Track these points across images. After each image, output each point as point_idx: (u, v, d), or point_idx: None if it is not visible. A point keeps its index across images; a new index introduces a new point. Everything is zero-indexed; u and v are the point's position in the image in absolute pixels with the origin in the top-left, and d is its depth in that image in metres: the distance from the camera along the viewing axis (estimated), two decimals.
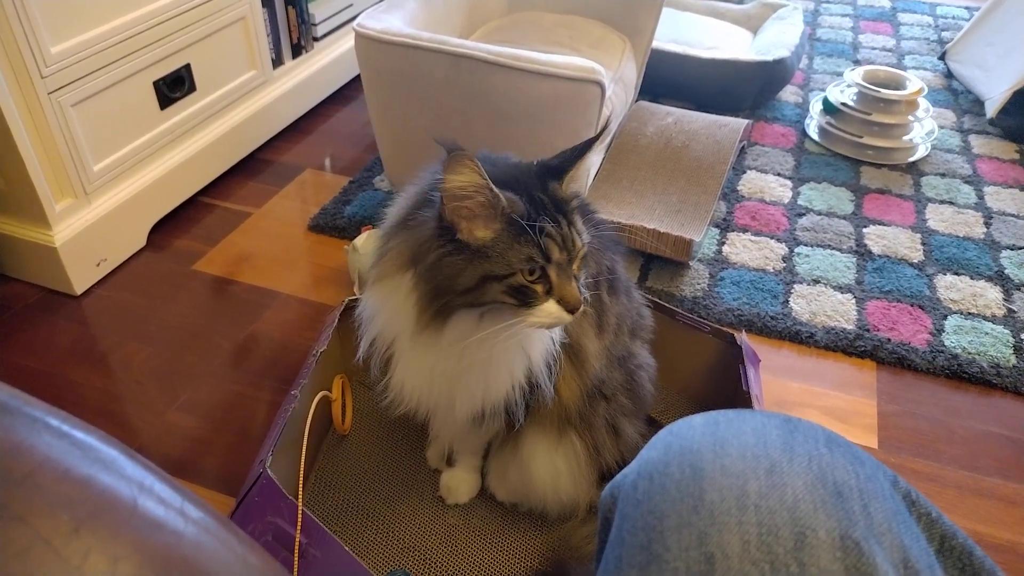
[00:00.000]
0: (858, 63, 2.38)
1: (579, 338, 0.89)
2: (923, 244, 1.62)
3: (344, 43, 2.11)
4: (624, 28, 1.82)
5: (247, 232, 1.64)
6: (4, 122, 1.24)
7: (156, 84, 1.51)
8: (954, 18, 2.73)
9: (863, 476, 0.46)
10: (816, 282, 1.50)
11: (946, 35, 2.58)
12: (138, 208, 1.54)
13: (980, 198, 1.78)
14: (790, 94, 2.21)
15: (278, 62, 1.90)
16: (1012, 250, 1.61)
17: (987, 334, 1.39)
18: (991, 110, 2.05)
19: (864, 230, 1.66)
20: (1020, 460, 1.18)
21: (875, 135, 1.90)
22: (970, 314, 1.43)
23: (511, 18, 1.88)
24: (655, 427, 1.05)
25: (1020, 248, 1.61)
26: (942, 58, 2.37)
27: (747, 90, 2.05)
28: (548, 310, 0.75)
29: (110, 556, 0.27)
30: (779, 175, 1.85)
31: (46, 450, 0.29)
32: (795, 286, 1.49)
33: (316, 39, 2.01)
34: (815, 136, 2.00)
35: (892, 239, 1.63)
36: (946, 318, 1.42)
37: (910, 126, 1.92)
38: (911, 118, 1.91)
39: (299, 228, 1.65)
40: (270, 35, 1.82)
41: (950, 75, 2.33)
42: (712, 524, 0.43)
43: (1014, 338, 1.38)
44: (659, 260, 1.53)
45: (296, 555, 0.82)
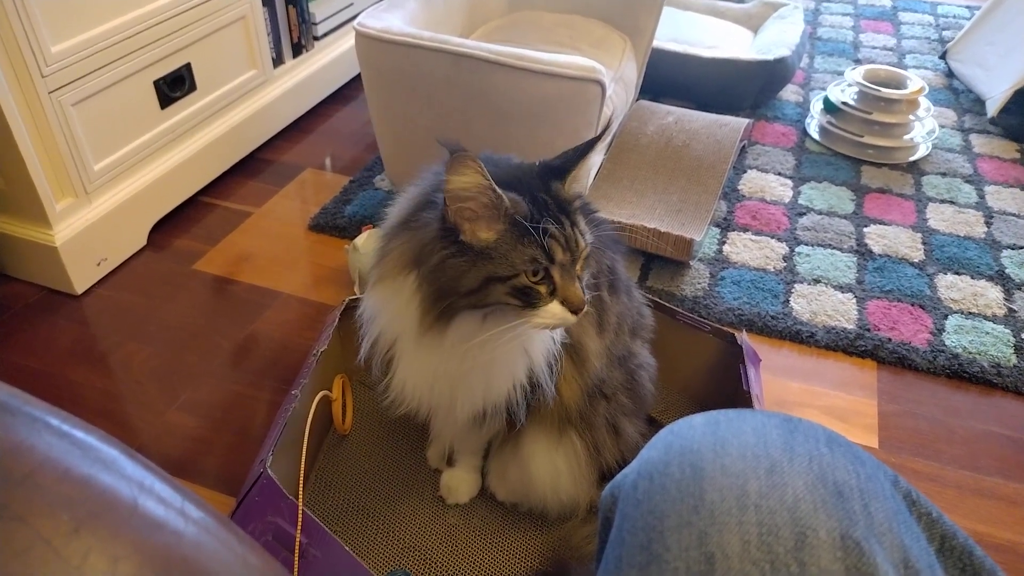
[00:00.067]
0: (859, 62, 2.38)
1: (580, 337, 0.89)
2: (924, 243, 1.62)
3: (345, 42, 2.11)
4: (625, 27, 1.82)
5: (247, 232, 1.64)
6: (4, 121, 1.24)
7: (156, 83, 1.51)
8: (955, 17, 2.72)
9: (863, 476, 0.46)
10: (817, 282, 1.50)
11: (947, 34, 2.58)
12: (138, 208, 1.54)
13: (981, 197, 1.78)
14: (791, 93, 2.21)
15: (278, 61, 1.90)
16: (1013, 249, 1.61)
17: (988, 334, 1.39)
18: (992, 109, 2.05)
19: (865, 229, 1.66)
20: (1020, 460, 1.18)
21: (876, 134, 1.90)
22: (971, 314, 1.43)
23: (511, 17, 1.88)
24: (655, 427, 1.05)
25: (1021, 247, 1.61)
26: (943, 57, 2.37)
27: (748, 89, 2.04)
28: (552, 311, 0.75)
29: (110, 556, 0.27)
30: (780, 174, 1.85)
31: (46, 450, 0.29)
32: (796, 286, 1.49)
33: (316, 38, 2.01)
34: (816, 135, 2.00)
35: (893, 238, 1.63)
36: (947, 318, 1.42)
37: (911, 125, 1.92)
38: (912, 117, 1.91)
39: (299, 228, 1.65)
40: (270, 34, 1.82)
41: (951, 74, 2.33)
42: (712, 524, 0.43)
43: (1015, 338, 1.38)
44: (659, 259, 1.53)
45: (296, 555, 0.82)
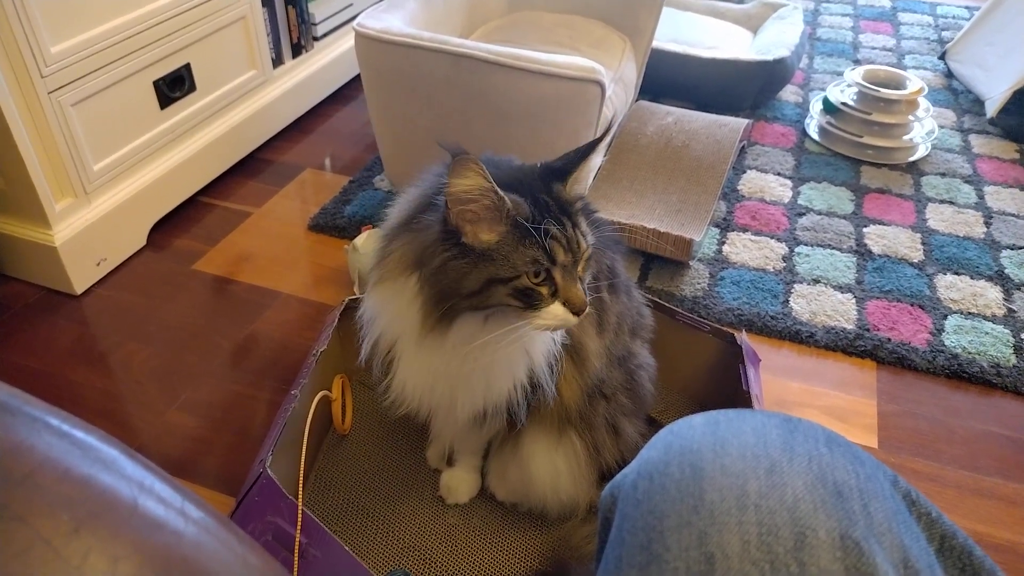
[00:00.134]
0: (858, 63, 2.38)
1: (580, 337, 0.89)
2: (923, 244, 1.62)
3: (344, 43, 2.11)
4: (624, 28, 1.82)
5: (247, 232, 1.64)
6: (4, 122, 1.24)
7: (156, 84, 1.51)
8: (954, 18, 2.73)
9: (863, 476, 0.46)
10: (816, 282, 1.50)
11: (946, 35, 2.58)
12: (138, 208, 1.54)
13: (980, 198, 1.78)
14: (790, 94, 2.21)
15: (278, 62, 1.90)
16: (1012, 250, 1.61)
17: (987, 334, 1.39)
18: (991, 110, 2.05)
19: (864, 230, 1.66)
20: (1020, 460, 1.18)
21: (875, 135, 1.90)
22: (970, 314, 1.43)
23: (511, 18, 1.88)
24: (655, 427, 1.05)
25: (1020, 248, 1.61)
26: (942, 58, 2.37)
27: (747, 90, 2.05)
28: (554, 312, 0.75)
29: (110, 556, 0.27)
30: (779, 175, 1.85)
31: (46, 450, 0.29)
32: (795, 286, 1.49)
33: (316, 39, 2.01)
34: (815, 136, 2.00)
35: (892, 239, 1.63)
36: (946, 318, 1.42)
37: (910, 126, 1.92)
38: (911, 118, 1.91)
39: (299, 228, 1.65)
40: (270, 35, 1.82)
41: (950, 75, 2.33)
42: (712, 524, 0.43)
43: (1014, 338, 1.38)
44: (659, 260, 1.53)
45: (296, 555, 0.82)
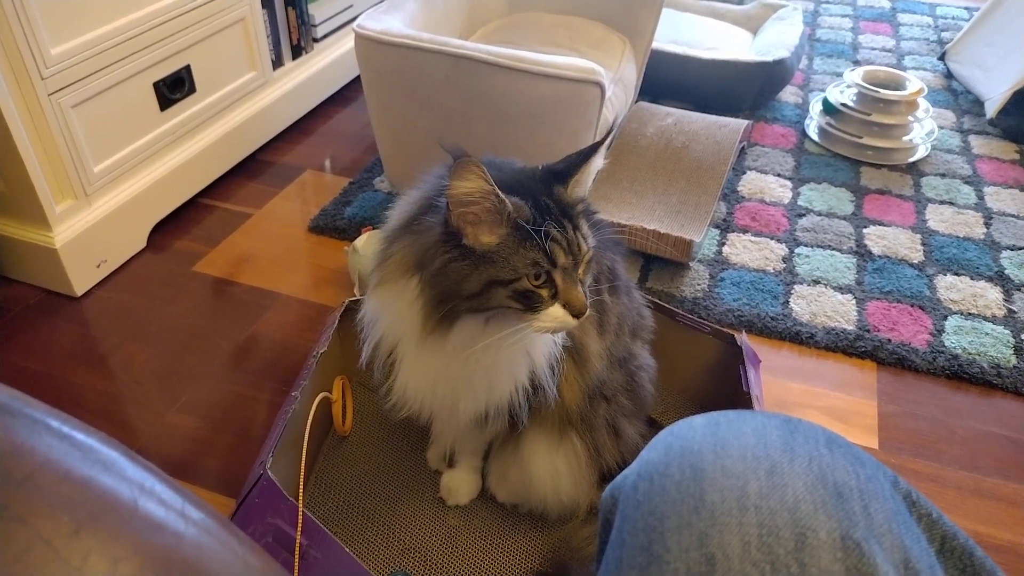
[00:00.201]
0: (858, 63, 2.38)
1: (581, 338, 0.89)
2: (923, 244, 1.62)
3: (344, 44, 2.11)
4: (624, 29, 1.82)
5: (247, 233, 1.64)
6: (4, 123, 1.24)
7: (156, 85, 1.52)
8: (954, 18, 2.73)
9: (863, 477, 0.46)
10: (816, 283, 1.50)
11: (946, 35, 2.58)
12: (138, 209, 1.54)
13: (980, 198, 1.78)
14: (790, 95, 2.21)
15: (278, 63, 1.90)
16: (1012, 250, 1.61)
17: (987, 334, 1.39)
18: (991, 110, 2.05)
19: (864, 230, 1.66)
20: (1020, 461, 1.18)
21: (875, 135, 1.90)
22: (970, 314, 1.43)
23: (511, 19, 1.89)
24: (655, 428, 1.05)
25: (1020, 248, 1.61)
26: (942, 58, 2.37)
27: (747, 91, 2.05)
28: (553, 314, 0.75)
29: (110, 557, 0.27)
30: (779, 176, 1.85)
31: (47, 451, 0.29)
32: (795, 287, 1.49)
33: (316, 40, 2.01)
34: (815, 137, 2.00)
35: (892, 239, 1.63)
36: (946, 318, 1.42)
37: (910, 126, 1.92)
38: (911, 118, 1.91)
39: (299, 229, 1.65)
40: (270, 36, 1.82)
41: (950, 75, 2.33)
42: (713, 525, 0.43)
43: (1014, 338, 1.38)
44: (659, 261, 1.53)
45: (297, 556, 0.82)
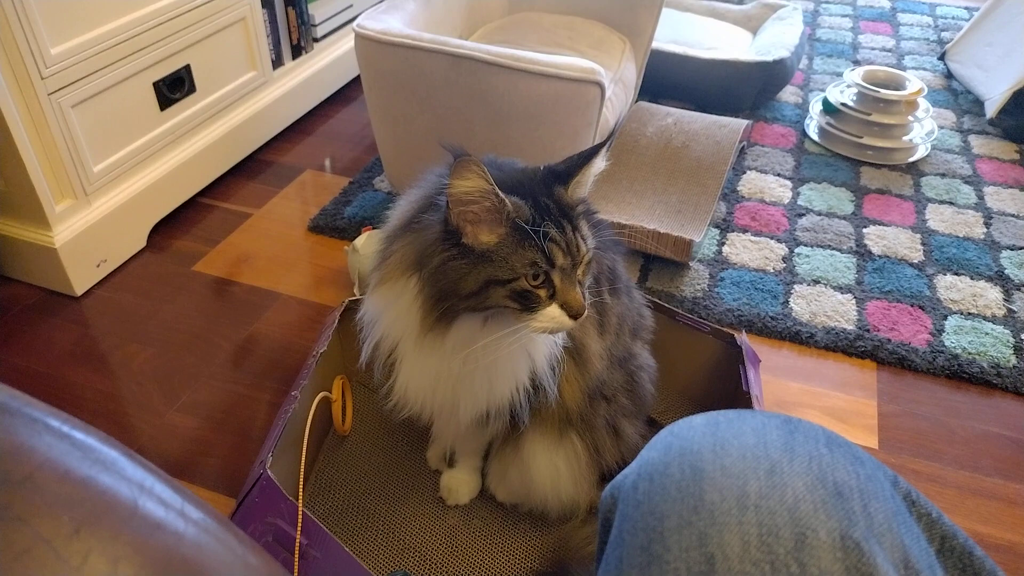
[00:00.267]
0: (858, 63, 2.38)
1: (582, 338, 0.89)
2: (923, 244, 1.62)
3: (344, 44, 2.11)
4: (624, 29, 1.82)
5: (247, 233, 1.64)
6: (4, 123, 1.24)
7: (156, 85, 1.52)
8: (954, 18, 2.73)
9: (863, 476, 0.46)
10: (816, 282, 1.50)
11: (946, 35, 2.58)
12: (138, 209, 1.54)
13: (980, 198, 1.78)
14: (790, 94, 2.21)
15: (278, 63, 1.90)
16: (1012, 250, 1.61)
17: (987, 334, 1.39)
18: (991, 110, 2.05)
19: (864, 230, 1.66)
20: (1020, 460, 1.18)
21: (875, 135, 1.90)
22: (970, 314, 1.43)
23: (511, 19, 1.89)
24: (655, 428, 1.05)
25: (1020, 248, 1.61)
26: (942, 58, 2.37)
27: (747, 90, 2.05)
28: (551, 315, 0.75)
29: (110, 557, 0.27)
30: (779, 175, 1.85)
31: (47, 451, 0.29)
32: (795, 286, 1.49)
33: (316, 40, 2.01)
34: (815, 136, 2.00)
35: (892, 239, 1.63)
36: (946, 318, 1.42)
37: (910, 126, 1.92)
38: (911, 118, 1.91)
39: (299, 229, 1.65)
40: (270, 36, 1.82)
41: (950, 75, 2.33)
42: (712, 524, 0.43)
43: (1014, 338, 1.38)
44: (659, 260, 1.53)
45: (296, 556, 0.82)
